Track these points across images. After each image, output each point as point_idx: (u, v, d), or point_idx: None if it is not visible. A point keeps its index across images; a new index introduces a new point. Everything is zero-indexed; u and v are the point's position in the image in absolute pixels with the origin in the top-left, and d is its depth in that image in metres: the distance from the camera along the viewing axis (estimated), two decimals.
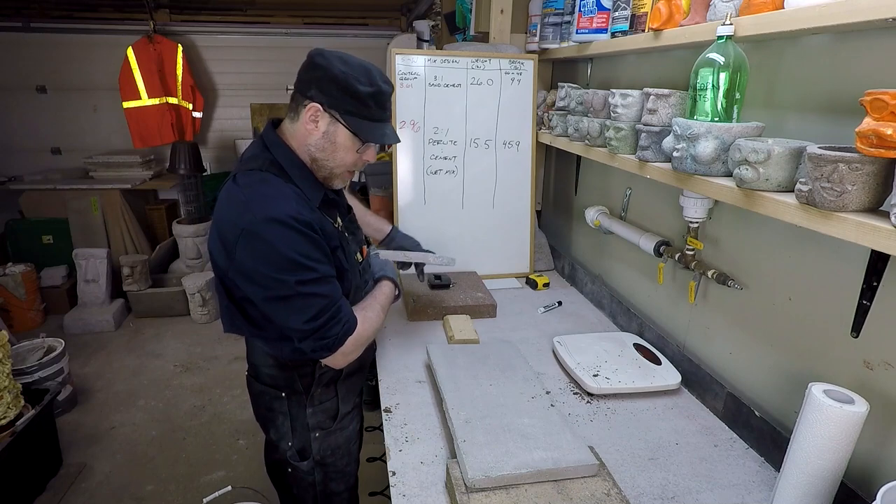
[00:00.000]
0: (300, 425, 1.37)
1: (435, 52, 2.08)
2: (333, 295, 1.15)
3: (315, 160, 1.22)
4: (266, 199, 1.11)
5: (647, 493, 1.11)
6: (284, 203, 1.11)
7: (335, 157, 1.21)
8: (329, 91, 1.14)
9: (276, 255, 1.09)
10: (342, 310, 1.16)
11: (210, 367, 3.49)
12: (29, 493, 2.33)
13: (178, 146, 4.26)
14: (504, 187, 2.19)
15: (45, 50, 4.63)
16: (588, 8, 1.66)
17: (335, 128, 1.17)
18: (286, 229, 1.09)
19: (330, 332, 1.14)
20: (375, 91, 1.15)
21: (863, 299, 1.01)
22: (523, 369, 1.45)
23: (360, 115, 1.17)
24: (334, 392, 1.39)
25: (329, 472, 1.43)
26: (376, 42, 5.03)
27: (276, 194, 1.13)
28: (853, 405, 0.93)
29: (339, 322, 1.15)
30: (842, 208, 0.84)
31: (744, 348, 1.36)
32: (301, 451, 1.39)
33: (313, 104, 1.15)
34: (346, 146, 1.19)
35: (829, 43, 1.06)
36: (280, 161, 1.20)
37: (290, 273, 1.09)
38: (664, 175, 1.27)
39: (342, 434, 1.42)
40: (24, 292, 3.81)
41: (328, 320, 1.13)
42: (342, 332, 1.16)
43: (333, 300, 1.15)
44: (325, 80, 1.14)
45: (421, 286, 1.98)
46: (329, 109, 1.16)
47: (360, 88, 1.13)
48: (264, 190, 1.14)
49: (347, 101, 1.15)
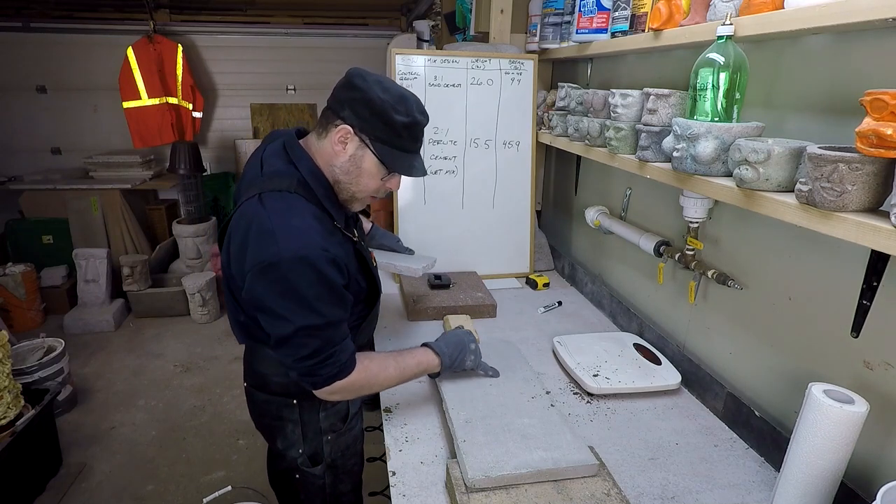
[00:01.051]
0: (312, 430, 1.35)
1: (435, 52, 2.08)
2: (333, 339, 1.12)
3: (338, 182, 1.19)
4: (295, 233, 1.07)
5: (647, 493, 1.11)
6: (313, 238, 1.08)
7: (359, 182, 1.18)
8: (363, 115, 1.11)
9: (289, 294, 1.07)
10: (338, 354, 1.13)
11: (210, 367, 3.49)
12: (29, 493, 2.33)
13: (178, 146, 4.26)
14: (504, 187, 2.19)
15: (45, 50, 4.63)
16: (588, 8, 1.66)
17: (363, 153, 1.14)
18: (309, 269, 1.06)
19: (319, 370, 1.12)
20: (411, 122, 1.13)
21: (863, 299, 1.01)
22: (523, 369, 1.45)
23: (392, 145, 1.14)
24: None
25: (339, 473, 1.42)
26: (376, 42, 5.03)
27: (306, 227, 1.09)
28: (853, 405, 0.93)
29: (332, 365, 1.12)
30: (842, 208, 0.84)
31: (744, 348, 1.36)
32: (312, 456, 1.37)
33: (345, 126, 1.12)
34: (371, 172, 1.16)
35: (829, 43, 1.06)
36: (307, 179, 1.16)
37: (297, 315, 1.07)
38: (664, 175, 1.27)
39: (351, 434, 1.42)
40: (24, 292, 3.81)
41: (320, 361, 1.11)
42: (331, 374, 1.13)
43: (332, 344, 1.12)
44: (360, 103, 1.11)
45: (421, 286, 1.98)
46: (360, 133, 1.13)
47: (395, 118, 1.10)
48: (293, 221, 1.09)
49: (380, 128, 1.12)
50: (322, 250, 1.07)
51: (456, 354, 1.34)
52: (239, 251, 1.12)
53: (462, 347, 1.36)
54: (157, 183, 4.61)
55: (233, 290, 1.23)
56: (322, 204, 1.17)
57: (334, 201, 1.20)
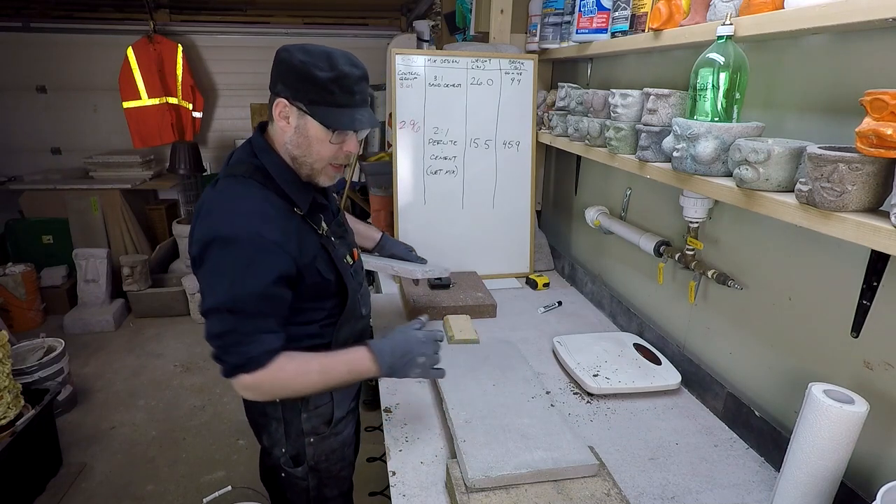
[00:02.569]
0: (294, 431, 1.34)
1: (435, 52, 2.08)
2: (243, 328, 1.08)
3: (294, 158, 1.18)
4: (231, 215, 1.10)
5: (647, 493, 1.11)
6: (250, 220, 1.09)
7: (311, 152, 1.16)
8: (291, 83, 1.11)
9: (211, 271, 1.09)
10: (246, 345, 1.08)
11: (210, 367, 3.49)
12: (29, 493, 2.33)
13: (178, 146, 4.26)
14: (504, 187, 2.19)
15: (45, 50, 4.63)
16: (588, 8, 1.66)
17: (304, 120, 1.13)
18: (233, 250, 1.07)
19: (224, 356, 1.09)
20: (337, 75, 1.09)
21: (863, 299, 1.01)
22: (523, 369, 1.45)
23: (326, 103, 1.11)
24: (329, 397, 1.36)
25: (323, 477, 1.40)
26: (376, 42, 5.03)
27: (246, 209, 1.11)
28: (853, 405, 0.93)
29: (237, 355, 1.08)
30: (842, 208, 0.84)
31: (744, 348, 1.36)
32: (295, 457, 1.37)
33: (280, 99, 1.13)
34: (318, 138, 1.14)
35: (829, 43, 1.06)
36: (267, 166, 1.17)
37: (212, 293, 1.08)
38: (664, 175, 1.27)
39: (336, 439, 1.40)
40: (24, 292, 3.81)
41: (225, 346, 1.08)
42: (236, 364, 1.08)
43: (240, 332, 1.08)
44: (286, 74, 1.11)
45: (421, 286, 1.98)
46: (294, 102, 1.12)
47: (318, 74, 1.08)
48: (235, 204, 1.12)
49: (310, 90, 1.10)
50: (255, 234, 1.07)
51: (399, 364, 1.19)
52: (190, 234, 1.16)
53: (408, 359, 1.19)
54: (157, 183, 4.61)
55: None
56: (283, 190, 1.16)
57: (298, 186, 1.19)
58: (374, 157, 3.47)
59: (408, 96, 2.05)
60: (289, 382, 1.14)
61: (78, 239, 4.25)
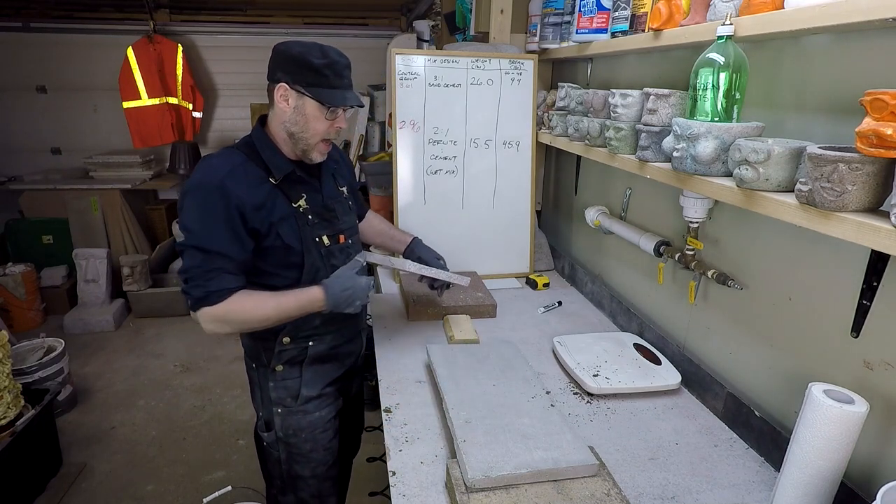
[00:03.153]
0: (266, 398, 1.48)
1: (435, 52, 2.08)
2: (206, 265, 1.25)
3: (292, 135, 1.34)
4: (204, 169, 1.29)
5: (647, 493, 1.11)
6: (217, 173, 1.27)
7: (308, 128, 1.33)
8: (290, 69, 1.29)
9: (182, 216, 1.27)
10: (207, 280, 1.25)
11: (210, 367, 3.49)
12: (29, 493, 2.33)
13: (178, 146, 4.27)
14: (504, 187, 2.19)
15: (45, 50, 4.63)
16: (588, 8, 1.66)
17: (302, 101, 1.30)
18: (199, 195, 1.26)
19: (190, 290, 1.26)
20: (329, 62, 1.29)
21: (863, 299, 1.01)
22: (523, 369, 1.45)
23: (321, 85, 1.29)
24: (298, 373, 1.47)
25: (292, 452, 1.49)
26: (376, 42, 5.02)
27: (219, 165, 1.29)
28: (853, 405, 0.93)
29: (199, 288, 1.25)
30: (842, 208, 0.84)
31: (744, 348, 1.36)
32: (267, 422, 1.50)
33: (281, 84, 1.30)
34: (315, 115, 1.31)
35: (829, 43, 1.06)
36: (255, 142, 1.36)
37: (183, 233, 1.27)
38: (664, 175, 1.27)
39: (305, 418, 1.47)
40: (24, 292, 3.81)
41: (190, 279, 1.26)
42: (198, 297, 1.25)
43: (203, 268, 1.25)
44: (285, 62, 1.29)
45: (421, 286, 1.97)
46: (294, 86, 1.29)
47: (315, 61, 1.27)
48: (210, 161, 1.31)
49: (307, 74, 1.28)
50: (219, 182, 1.25)
51: (342, 300, 1.36)
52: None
53: (351, 294, 1.36)
54: (157, 183, 4.61)
55: None
56: (264, 162, 1.34)
57: (277, 155, 1.36)
58: (374, 157, 3.47)
59: (408, 96, 2.05)
60: (246, 315, 1.30)
61: (78, 239, 4.25)
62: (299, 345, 1.44)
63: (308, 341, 1.45)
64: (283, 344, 1.42)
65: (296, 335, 1.42)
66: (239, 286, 1.29)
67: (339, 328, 1.50)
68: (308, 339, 1.45)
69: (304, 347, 1.45)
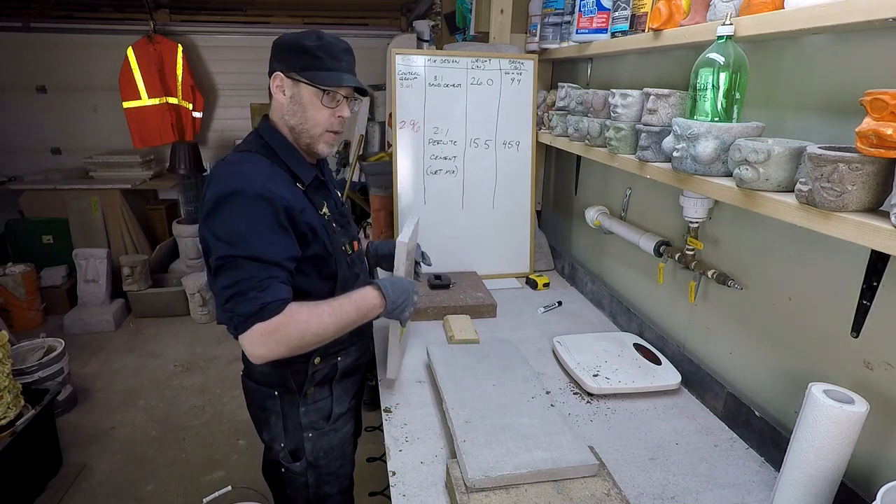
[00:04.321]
0: (293, 425, 1.36)
1: (435, 52, 2.08)
2: (257, 275, 1.09)
3: (293, 128, 1.26)
4: (239, 174, 1.16)
5: (647, 493, 1.11)
6: (255, 177, 1.15)
7: (307, 118, 1.24)
8: (284, 57, 1.22)
9: (221, 226, 1.12)
10: (259, 292, 1.08)
11: (210, 367, 3.49)
12: (29, 493, 2.33)
13: (178, 146, 4.26)
14: (504, 187, 2.19)
15: (45, 50, 4.62)
16: (588, 8, 1.66)
17: (298, 88, 1.23)
18: (241, 201, 1.11)
19: (237, 307, 1.08)
20: (323, 43, 1.21)
21: (863, 299, 1.01)
22: (523, 369, 1.45)
23: (315, 67, 1.21)
24: (329, 392, 1.39)
25: (322, 473, 1.41)
26: (376, 42, 5.02)
27: (252, 170, 1.18)
28: (853, 405, 0.93)
29: (250, 302, 1.07)
30: (842, 208, 0.84)
31: (744, 348, 1.36)
32: (294, 451, 1.38)
33: (276, 74, 1.23)
34: (312, 103, 1.23)
35: (829, 43, 1.06)
36: (271, 144, 1.26)
37: (224, 245, 1.10)
38: (664, 175, 1.27)
39: (336, 435, 1.41)
40: (24, 292, 3.81)
41: (238, 294, 1.08)
42: (250, 313, 1.07)
43: (254, 279, 1.08)
44: (279, 51, 1.24)
45: (421, 286, 1.97)
46: (289, 73, 1.22)
47: (307, 44, 1.20)
48: (242, 167, 1.19)
49: (300, 58, 1.21)
50: (262, 186, 1.13)
51: (399, 302, 1.27)
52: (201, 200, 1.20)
53: (406, 297, 1.29)
54: (157, 183, 4.61)
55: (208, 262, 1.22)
56: (287, 165, 1.25)
57: (298, 159, 1.28)
58: (374, 157, 3.47)
59: (408, 96, 2.05)
60: (304, 326, 1.12)
61: (78, 239, 4.25)
62: (329, 362, 1.36)
63: (337, 357, 1.37)
64: (314, 365, 1.32)
65: (325, 353, 1.34)
66: (291, 297, 1.13)
67: (361, 338, 1.45)
68: (336, 355, 1.37)
69: (334, 364, 1.37)
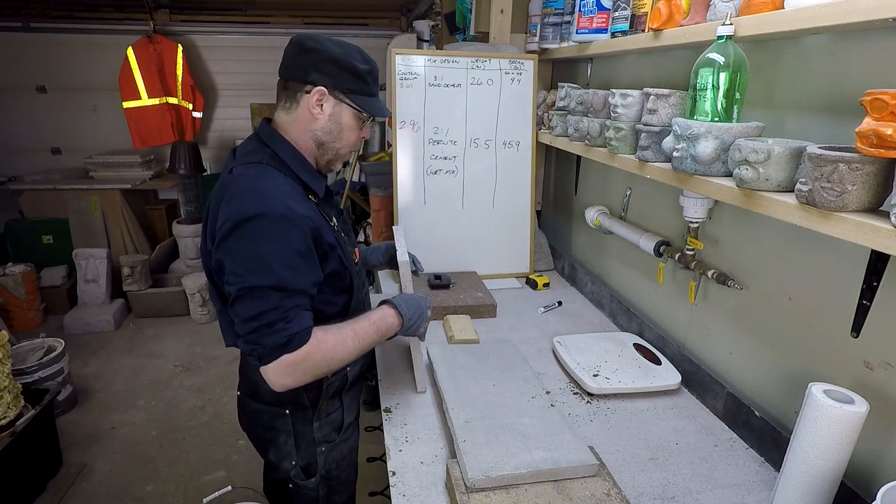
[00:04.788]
0: (306, 441, 1.32)
1: (435, 52, 2.08)
2: (283, 305, 1.04)
3: (322, 144, 1.21)
4: (259, 194, 1.07)
5: (647, 493, 1.11)
6: (277, 197, 1.08)
7: (341, 138, 1.21)
8: (331, 72, 1.14)
9: (245, 251, 1.05)
10: (286, 322, 1.04)
11: (210, 367, 3.49)
12: (29, 493, 2.33)
13: (178, 146, 4.26)
14: (504, 187, 2.19)
15: (45, 50, 4.62)
16: (588, 8, 1.66)
17: (340, 108, 1.18)
18: (268, 226, 1.05)
19: (263, 338, 1.04)
20: (371, 68, 1.19)
21: (863, 299, 1.01)
22: (523, 369, 1.45)
23: (362, 92, 1.18)
24: (339, 403, 1.35)
25: (333, 485, 1.39)
26: (376, 42, 5.02)
27: (272, 188, 1.09)
28: (853, 405, 0.93)
29: (278, 333, 1.03)
30: (842, 208, 0.84)
31: (744, 348, 1.36)
32: (306, 468, 1.34)
33: (318, 88, 1.14)
34: (351, 126, 1.20)
35: (829, 43, 1.06)
36: (280, 155, 1.18)
37: (248, 273, 1.04)
38: (664, 175, 1.27)
39: (346, 445, 1.39)
40: (24, 292, 3.81)
41: (265, 326, 1.03)
42: (277, 344, 1.03)
43: (281, 309, 1.04)
44: (324, 63, 1.14)
45: (421, 286, 1.97)
46: (334, 91, 1.16)
47: (359, 66, 1.15)
48: (258, 184, 1.10)
49: (350, 80, 1.16)
50: (285, 208, 1.06)
51: (415, 318, 1.26)
52: (213, 222, 1.11)
53: (421, 313, 1.27)
54: (157, 183, 4.61)
55: (217, 283, 1.18)
56: (298, 176, 1.18)
57: (311, 171, 1.21)
58: (374, 157, 3.47)
59: (408, 96, 2.05)
60: (330, 354, 1.10)
61: (78, 239, 4.25)
62: (339, 374, 1.32)
63: (346, 367, 1.31)
64: (328, 379, 1.28)
65: None
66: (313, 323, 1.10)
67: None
68: (346, 367, 1.31)
69: (344, 375, 1.33)
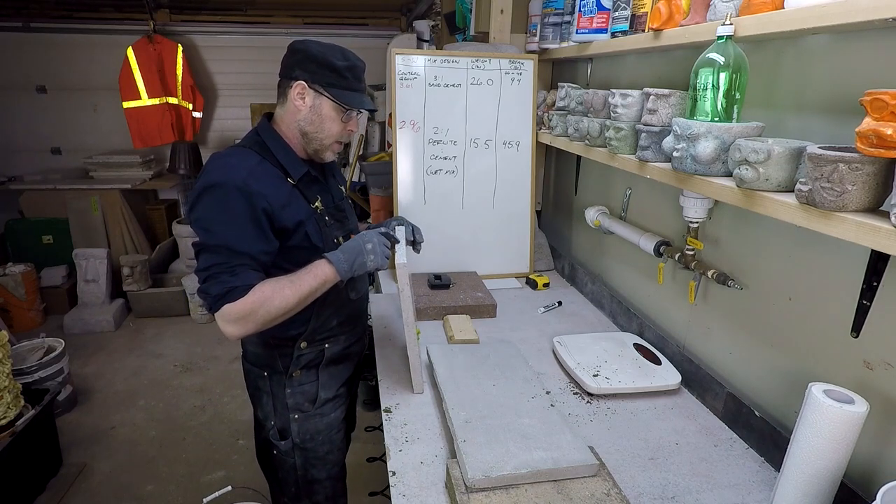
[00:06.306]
0: (280, 405, 1.45)
1: (435, 52, 2.08)
2: (228, 262, 1.19)
3: (305, 134, 1.33)
4: (223, 168, 1.23)
5: (647, 493, 1.11)
6: (238, 171, 1.22)
7: (323, 129, 1.32)
8: (310, 68, 1.28)
9: (201, 215, 1.22)
10: (228, 276, 1.18)
11: (210, 367, 3.49)
12: (29, 493, 2.33)
13: (178, 146, 4.27)
14: (504, 187, 2.19)
15: (45, 50, 4.63)
16: (588, 8, 1.66)
17: (320, 101, 1.30)
18: (220, 193, 1.20)
19: (209, 288, 1.19)
20: (350, 65, 1.30)
21: (863, 299, 1.01)
22: (523, 369, 1.45)
23: (341, 86, 1.30)
24: (315, 376, 1.45)
25: (309, 457, 1.48)
26: (376, 42, 5.02)
27: (237, 164, 1.24)
28: (853, 405, 0.93)
29: (220, 284, 1.18)
30: (842, 208, 0.84)
31: (744, 348, 1.36)
32: (281, 430, 1.46)
33: (299, 82, 1.28)
34: (331, 116, 1.31)
35: (829, 43, 1.06)
36: (266, 141, 1.32)
37: (203, 233, 1.21)
38: (664, 175, 1.27)
39: (322, 420, 1.47)
40: (24, 292, 3.81)
41: (210, 277, 1.19)
42: (219, 294, 1.18)
43: (225, 265, 1.19)
44: (305, 61, 1.28)
45: (421, 286, 1.98)
46: (313, 85, 1.28)
47: (336, 62, 1.27)
48: (228, 160, 1.26)
49: (328, 75, 1.28)
50: (241, 181, 1.20)
51: (353, 259, 1.30)
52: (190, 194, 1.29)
53: (358, 251, 1.30)
54: (157, 183, 4.61)
55: None
56: (278, 161, 1.31)
57: (292, 156, 1.34)
58: (374, 157, 3.47)
59: (408, 96, 2.05)
60: (269, 302, 1.21)
61: (78, 239, 4.25)
62: (316, 348, 1.43)
63: (324, 343, 1.45)
64: (301, 349, 1.41)
65: (312, 339, 1.42)
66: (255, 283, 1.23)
67: (353, 328, 1.51)
68: (324, 342, 1.44)
69: (321, 350, 1.44)
